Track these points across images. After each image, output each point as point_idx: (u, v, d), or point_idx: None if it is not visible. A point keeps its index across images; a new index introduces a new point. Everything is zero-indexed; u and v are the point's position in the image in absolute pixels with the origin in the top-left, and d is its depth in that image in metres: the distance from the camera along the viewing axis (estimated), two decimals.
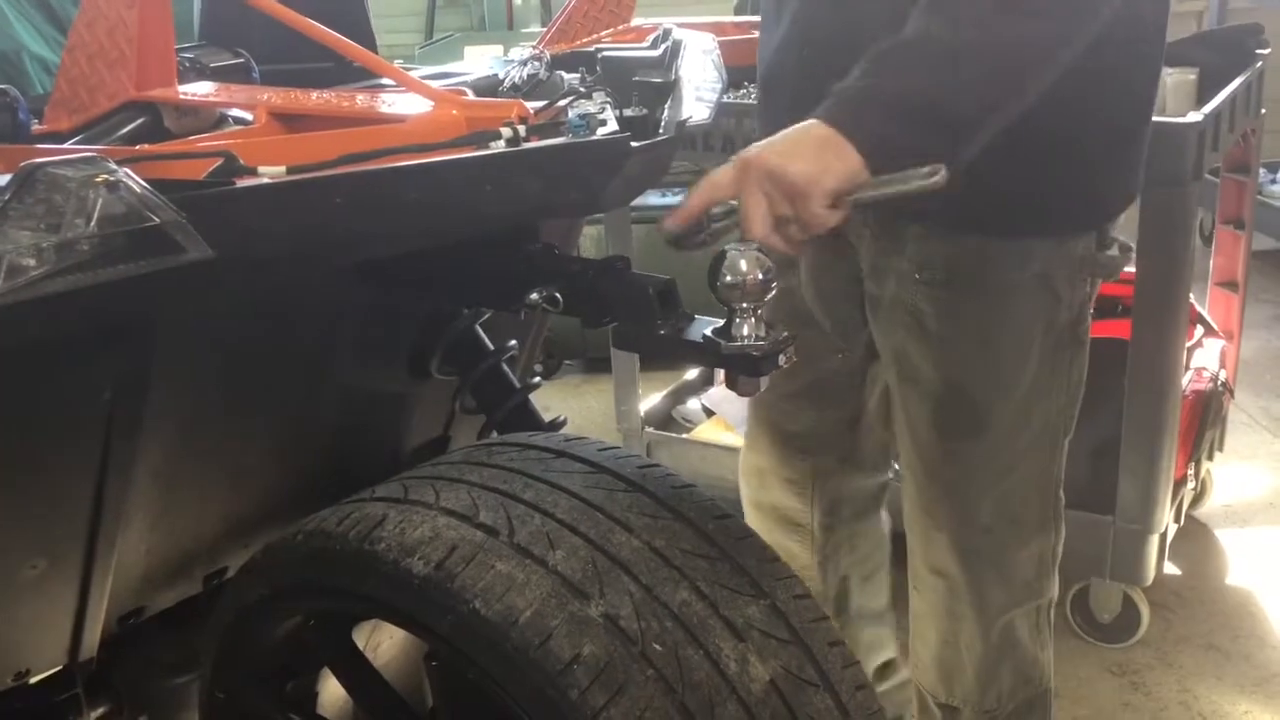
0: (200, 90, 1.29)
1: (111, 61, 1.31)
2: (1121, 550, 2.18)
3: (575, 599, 1.01)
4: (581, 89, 1.25)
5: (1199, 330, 2.72)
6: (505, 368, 1.46)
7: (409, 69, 2.03)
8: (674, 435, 2.86)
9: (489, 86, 1.51)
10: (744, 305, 0.96)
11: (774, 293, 0.97)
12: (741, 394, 1.01)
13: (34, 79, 2.75)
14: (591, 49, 1.58)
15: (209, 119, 1.31)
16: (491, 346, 1.45)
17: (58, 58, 2.74)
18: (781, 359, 0.97)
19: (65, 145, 1.23)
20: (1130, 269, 2.19)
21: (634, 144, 0.93)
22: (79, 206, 0.83)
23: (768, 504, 1.81)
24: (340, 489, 1.51)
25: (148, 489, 1.26)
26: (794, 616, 1.10)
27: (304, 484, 1.51)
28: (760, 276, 0.96)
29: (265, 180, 0.89)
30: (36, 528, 1.18)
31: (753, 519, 1.82)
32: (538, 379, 1.48)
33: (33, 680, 1.34)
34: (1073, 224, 1.45)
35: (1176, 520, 2.34)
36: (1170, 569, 2.52)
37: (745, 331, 0.97)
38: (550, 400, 3.61)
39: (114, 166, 0.84)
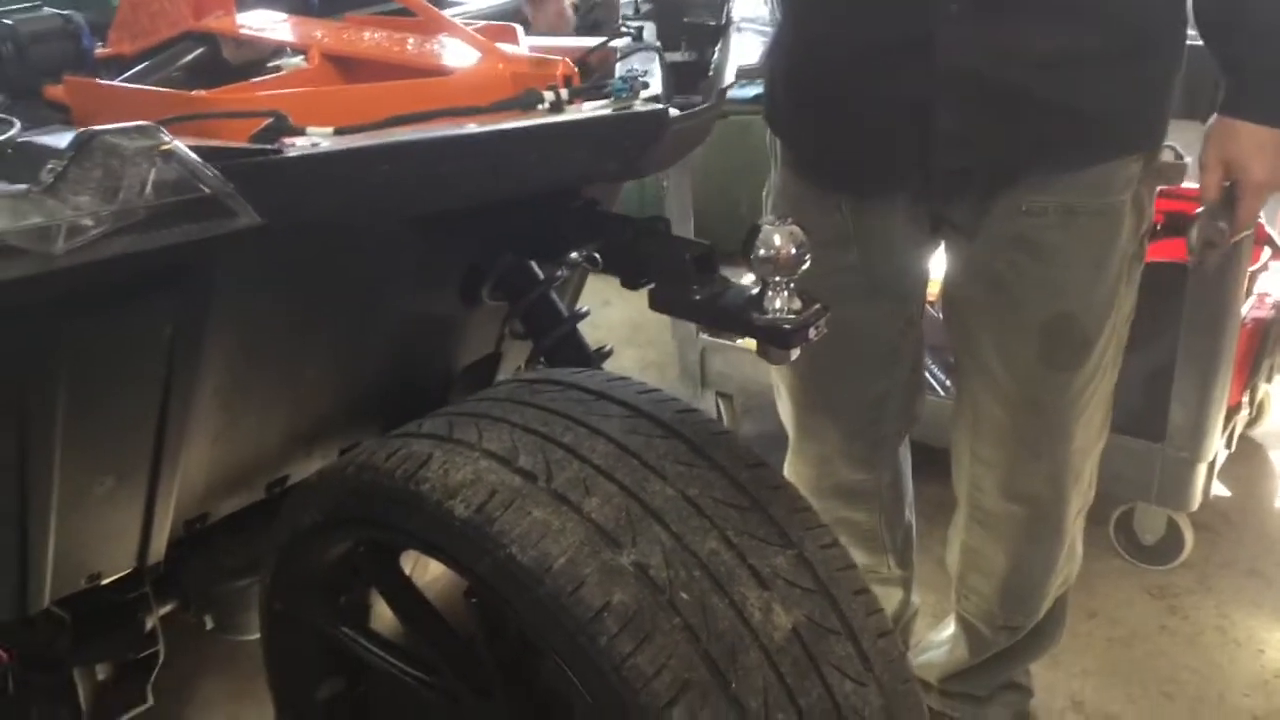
0: (256, 23, 1.31)
1: None
2: (1168, 476, 2.19)
3: (608, 547, 1.05)
4: (630, 30, 1.25)
5: (1266, 252, 2.66)
6: (554, 296, 1.49)
7: None
8: (728, 342, 2.88)
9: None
10: (777, 279, 0.98)
11: (806, 265, 0.98)
12: (772, 363, 1.04)
13: None
14: None
15: (266, 49, 1.33)
16: (541, 275, 1.48)
17: None
18: (812, 332, 0.99)
19: (125, 83, 1.26)
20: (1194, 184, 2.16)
21: (673, 114, 0.94)
22: (134, 174, 0.87)
23: (830, 486, 1.81)
24: (397, 401, 1.56)
25: (210, 409, 1.32)
26: (820, 566, 1.13)
27: (362, 397, 1.56)
28: (794, 251, 0.97)
29: (312, 146, 0.92)
30: (106, 449, 1.25)
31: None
32: (586, 309, 1.50)
33: (104, 582, 1.43)
34: (1158, 137, 1.51)
35: (1228, 446, 2.33)
36: (1220, 490, 2.52)
37: (778, 305, 0.98)
38: (610, 296, 3.64)
39: (168, 137, 0.86)
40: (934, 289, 1.75)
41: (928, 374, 2.40)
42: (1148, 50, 1.42)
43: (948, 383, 2.42)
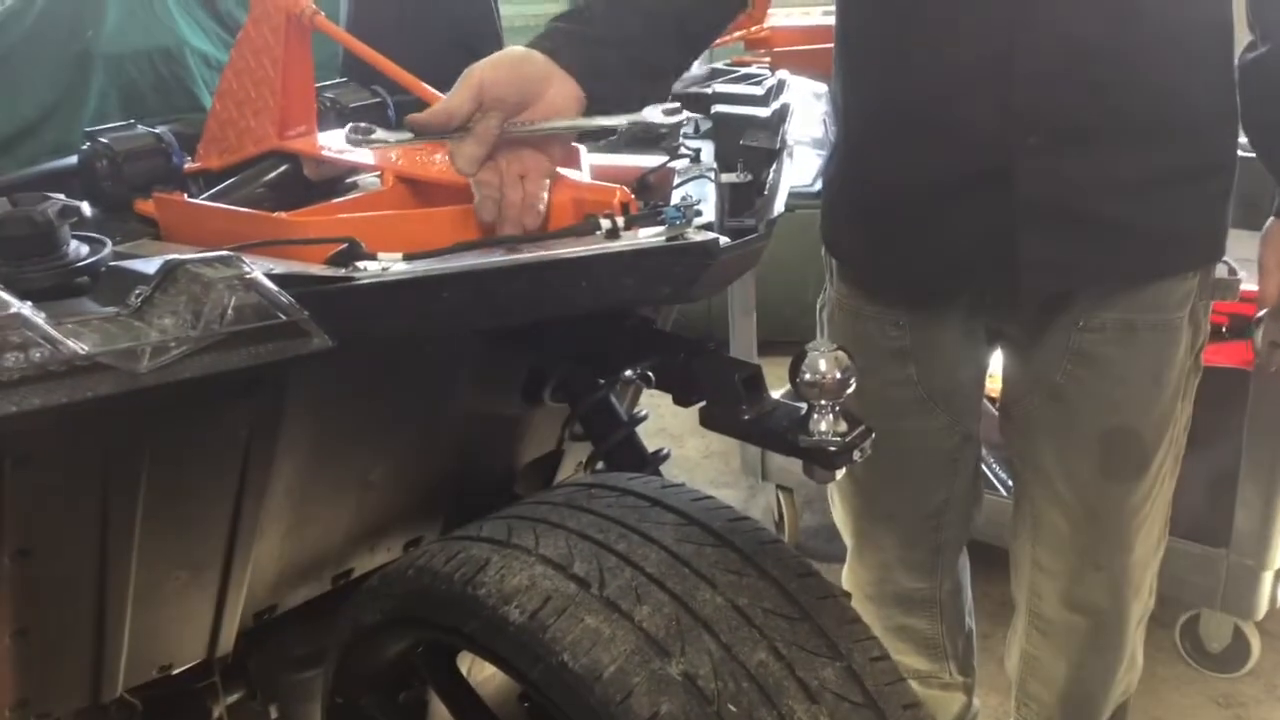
0: (336, 144, 1.38)
1: (258, 110, 1.41)
2: (1233, 584, 2.16)
3: (657, 657, 1.07)
4: (689, 150, 1.30)
5: None
6: (614, 400, 1.53)
7: None
8: None
9: None
10: (822, 402, 1.01)
11: (852, 389, 1.01)
12: (817, 482, 1.07)
13: (195, 73, 2.91)
14: (709, 90, 1.62)
15: (344, 168, 1.40)
16: (601, 380, 1.52)
17: (218, 52, 2.90)
18: (856, 454, 1.01)
19: (212, 199, 1.33)
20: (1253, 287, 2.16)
21: (724, 243, 0.99)
22: (216, 301, 0.93)
23: (890, 593, 1.81)
24: (461, 496, 1.61)
25: (281, 507, 1.37)
26: (869, 679, 1.15)
27: (426, 493, 1.61)
28: (839, 375, 1.00)
29: (381, 273, 0.97)
30: (182, 545, 1.30)
31: (869, 610, 1.81)
32: (645, 412, 1.54)
33: (174, 672, 1.48)
34: (1218, 251, 1.52)
35: None
36: None
37: (823, 427, 1.01)
38: None
39: (249, 266, 0.92)
40: (994, 384, 1.77)
41: (987, 470, 2.40)
42: (1215, 167, 1.45)
43: (1009, 481, 2.42)
